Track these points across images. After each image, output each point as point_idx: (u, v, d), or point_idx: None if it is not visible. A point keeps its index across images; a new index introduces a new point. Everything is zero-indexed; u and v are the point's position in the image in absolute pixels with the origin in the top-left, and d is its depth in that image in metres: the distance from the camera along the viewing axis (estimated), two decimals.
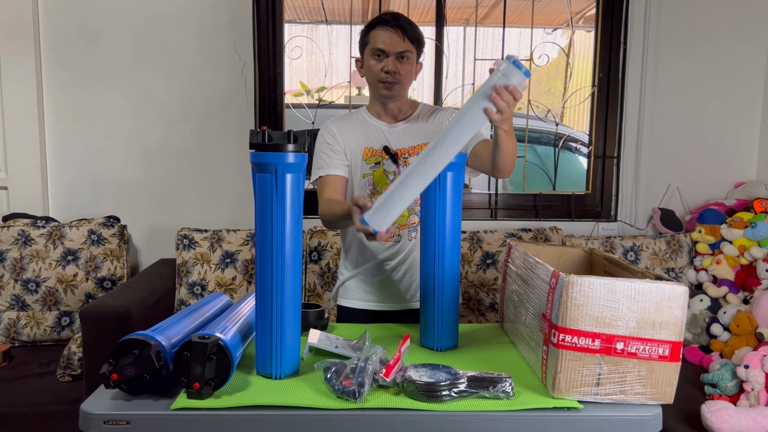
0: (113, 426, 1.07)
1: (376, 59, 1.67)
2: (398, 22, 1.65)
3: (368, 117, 1.77)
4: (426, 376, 1.16)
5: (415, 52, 1.69)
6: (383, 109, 1.75)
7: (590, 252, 1.59)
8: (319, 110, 2.90)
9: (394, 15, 1.68)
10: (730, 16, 2.88)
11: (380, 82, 1.68)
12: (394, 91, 1.69)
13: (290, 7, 2.92)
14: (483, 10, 3.07)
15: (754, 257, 2.54)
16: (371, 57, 1.68)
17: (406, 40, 1.65)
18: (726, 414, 1.79)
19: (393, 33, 1.65)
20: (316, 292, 2.63)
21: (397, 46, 1.65)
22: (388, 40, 1.65)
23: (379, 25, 1.67)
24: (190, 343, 1.10)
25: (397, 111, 1.75)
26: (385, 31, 1.65)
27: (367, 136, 1.74)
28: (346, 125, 1.76)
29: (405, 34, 1.65)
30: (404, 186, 1.26)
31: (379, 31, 1.66)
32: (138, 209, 2.84)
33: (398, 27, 1.65)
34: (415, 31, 1.68)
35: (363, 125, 1.76)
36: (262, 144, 1.17)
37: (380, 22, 1.67)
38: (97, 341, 2.05)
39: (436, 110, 1.79)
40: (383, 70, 1.66)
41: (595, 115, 2.94)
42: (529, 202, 3.01)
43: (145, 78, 2.78)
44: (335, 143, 1.74)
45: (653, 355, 1.12)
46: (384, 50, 1.65)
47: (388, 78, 1.66)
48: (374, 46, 1.67)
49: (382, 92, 1.70)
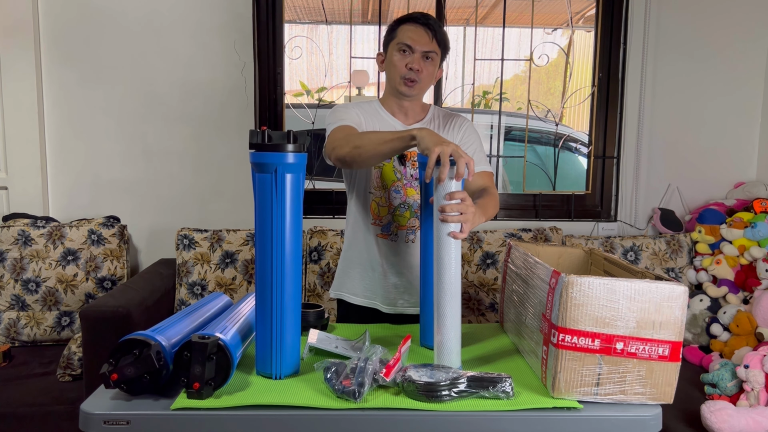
0: (113, 426, 1.07)
1: (401, 54, 1.65)
2: (428, 21, 1.65)
3: (382, 111, 1.75)
4: (426, 376, 1.16)
5: (439, 54, 1.68)
6: (398, 106, 1.73)
7: (590, 252, 1.59)
8: (319, 110, 2.90)
9: (425, 14, 1.67)
10: (730, 16, 2.88)
11: (402, 78, 1.66)
12: (414, 89, 1.67)
13: (290, 7, 2.92)
14: (483, 10, 3.07)
15: (754, 257, 2.54)
16: (396, 51, 1.66)
17: (434, 41, 1.65)
18: (726, 414, 1.79)
19: (422, 31, 1.64)
20: (316, 292, 2.63)
21: (424, 44, 1.64)
22: (416, 36, 1.64)
23: (409, 22, 1.66)
24: (190, 343, 1.10)
25: (412, 111, 1.74)
26: (415, 28, 1.64)
27: (379, 128, 1.72)
28: (363, 111, 1.73)
29: (434, 34, 1.64)
30: (440, 307, 1.28)
31: (409, 27, 1.65)
32: (138, 209, 2.84)
33: (428, 26, 1.64)
34: (443, 34, 1.67)
35: (377, 117, 1.73)
36: (262, 144, 1.17)
37: (410, 18, 1.66)
38: (97, 341, 2.05)
39: (448, 116, 1.78)
40: (407, 66, 1.65)
41: (595, 115, 2.94)
42: (529, 202, 3.01)
43: (145, 78, 2.78)
44: (358, 116, 1.69)
45: (653, 355, 1.12)
46: (411, 46, 1.64)
47: (410, 75, 1.65)
48: (401, 40, 1.65)
49: (402, 89, 1.67)
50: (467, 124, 1.77)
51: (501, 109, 2.99)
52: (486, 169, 1.70)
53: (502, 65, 2.91)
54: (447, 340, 1.27)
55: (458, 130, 1.75)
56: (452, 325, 1.27)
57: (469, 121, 1.78)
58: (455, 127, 1.76)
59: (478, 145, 1.75)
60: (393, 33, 1.69)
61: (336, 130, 1.61)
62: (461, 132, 1.75)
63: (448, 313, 1.27)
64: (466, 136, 1.75)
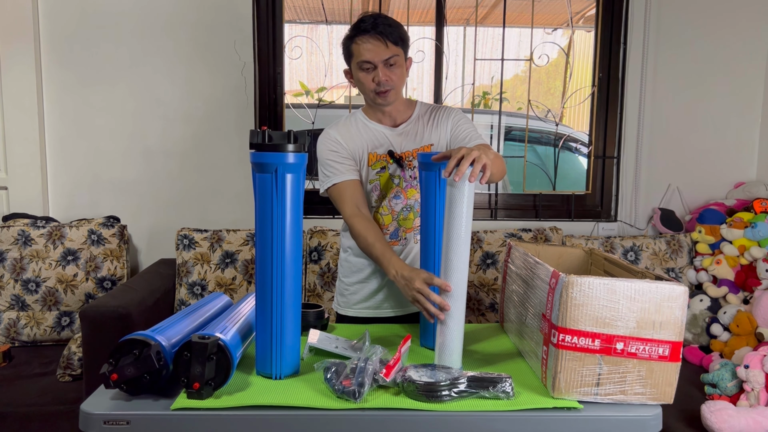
0: (113, 426, 1.07)
1: (364, 72, 1.63)
2: (378, 29, 1.59)
3: (368, 122, 1.73)
4: (426, 376, 1.16)
5: (402, 53, 1.64)
6: (381, 113, 1.72)
7: (590, 252, 1.59)
8: (319, 110, 2.90)
9: (373, 20, 1.60)
10: (730, 16, 2.88)
11: (374, 92, 1.64)
12: (389, 98, 1.65)
13: (290, 7, 2.92)
14: (483, 10, 3.07)
15: (754, 257, 2.54)
16: (359, 70, 1.63)
17: (390, 45, 1.60)
18: (726, 414, 1.79)
19: (376, 42, 1.59)
20: (316, 292, 2.63)
21: (382, 54, 1.60)
22: (372, 50, 1.59)
23: (360, 36, 1.61)
24: (190, 343, 1.10)
25: (396, 113, 1.72)
26: (368, 42, 1.59)
27: (370, 141, 1.70)
28: (347, 131, 1.71)
29: (387, 39, 1.59)
30: (448, 316, 1.28)
31: (362, 43, 1.60)
32: (138, 209, 2.84)
33: (379, 34, 1.59)
34: (396, 33, 1.61)
35: (364, 130, 1.72)
36: (262, 144, 1.17)
37: (360, 31, 1.61)
38: (97, 341, 2.05)
39: (435, 109, 1.76)
40: (374, 81, 1.62)
41: (595, 115, 2.94)
42: (529, 202, 3.01)
43: (145, 78, 2.78)
44: (341, 149, 1.69)
45: (653, 355, 1.12)
46: (370, 61, 1.60)
47: (380, 88, 1.62)
48: (360, 59, 1.61)
49: (378, 101, 1.66)
50: (455, 111, 1.74)
51: (501, 109, 2.99)
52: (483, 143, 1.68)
53: (502, 65, 2.90)
54: (449, 341, 1.27)
55: (447, 119, 1.72)
56: (456, 327, 1.27)
57: (456, 108, 1.76)
58: (443, 117, 1.73)
59: (471, 127, 1.72)
60: (349, 50, 1.65)
61: (335, 196, 1.68)
62: (450, 119, 1.72)
63: (453, 315, 1.27)
64: (457, 121, 1.72)
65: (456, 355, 1.28)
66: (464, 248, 1.26)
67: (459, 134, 1.69)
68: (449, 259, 1.26)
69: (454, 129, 1.70)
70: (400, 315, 1.78)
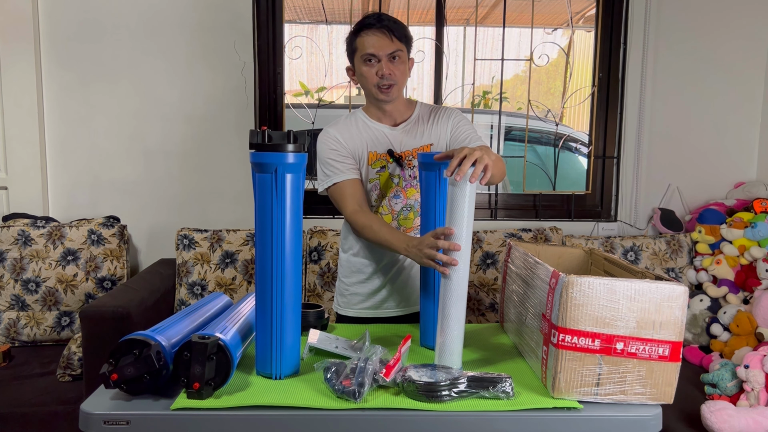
0: (113, 426, 1.07)
1: (368, 65, 1.63)
2: (383, 24, 1.61)
3: (368, 120, 1.73)
4: (426, 376, 1.16)
5: (405, 50, 1.66)
6: (382, 112, 1.72)
7: (590, 252, 1.59)
8: (319, 110, 2.90)
9: (377, 16, 1.63)
10: (730, 16, 2.88)
11: (377, 87, 1.64)
12: (392, 94, 1.65)
13: (290, 7, 2.92)
14: (483, 10, 3.07)
15: (754, 257, 2.54)
16: (363, 64, 1.64)
17: (395, 40, 1.61)
18: (726, 414, 1.79)
19: (380, 35, 1.61)
20: (316, 292, 2.63)
21: (387, 48, 1.61)
22: (377, 43, 1.61)
23: (364, 30, 1.62)
24: (190, 343, 1.10)
25: (397, 112, 1.73)
26: (372, 35, 1.61)
27: (370, 140, 1.70)
28: (347, 130, 1.71)
29: (393, 34, 1.61)
30: (446, 308, 1.28)
31: (366, 36, 1.62)
32: (138, 209, 2.84)
33: (384, 28, 1.61)
34: (401, 29, 1.64)
35: (364, 129, 1.72)
36: (262, 144, 1.17)
37: (365, 26, 1.63)
38: (97, 341, 2.05)
39: (435, 109, 1.76)
40: (378, 75, 1.62)
41: (595, 115, 2.94)
42: (529, 202, 3.01)
43: (145, 78, 2.78)
44: (341, 148, 1.69)
45: (653, 355, 1.12)
46: (375, 54, 1.61)
47: (383, 82, 1.62)
48: (364, 51, 1.62)
49: (380, 97, 1.66)
50: (455, 112, 1.75)
51: (501, 109, 2.99)
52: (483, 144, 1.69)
53: (502, 65, 2.90)
54: (450, 342, 1.27)
55: (447, 120, 1.73)
56: (456, 327, 1.27)
57: (456, 109, 1.76)
58: (443, 117, 1.73)
59: (471, 129, 1.72)
60: (353, 45, 1.66)
61: (336, 196, 1.69)
62: (450, 120, 1.73)
63: (453, 315, 1.27)
64: (457, 122, 1.73)
65: (456, 355, 1.28)
66: (465, 248, 1.26)
67: (459, 135, 1.69)
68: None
69: (454, 130, 1.71)
70: (400, 315, 1.78)
